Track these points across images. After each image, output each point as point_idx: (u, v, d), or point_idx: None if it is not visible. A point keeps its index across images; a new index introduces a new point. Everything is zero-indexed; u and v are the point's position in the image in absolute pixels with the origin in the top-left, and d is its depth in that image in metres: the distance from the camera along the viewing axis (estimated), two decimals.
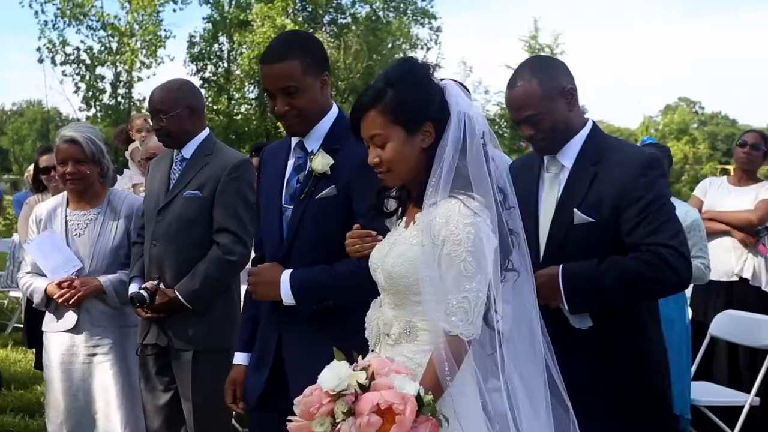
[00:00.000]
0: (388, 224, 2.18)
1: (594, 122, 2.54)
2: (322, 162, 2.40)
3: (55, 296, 3.31)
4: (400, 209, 2.14)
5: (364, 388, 1.73)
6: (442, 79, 2.05)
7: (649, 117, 45.91)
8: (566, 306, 2.36)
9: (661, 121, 44.94)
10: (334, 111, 2.50)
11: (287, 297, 2.37)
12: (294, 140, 2.52)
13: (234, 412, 3.37)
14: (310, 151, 2.45)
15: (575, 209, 2.39)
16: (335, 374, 1.76)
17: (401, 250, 1.98)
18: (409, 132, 1.97)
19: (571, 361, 2.29)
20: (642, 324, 2.45)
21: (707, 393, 4.17)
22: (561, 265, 2.37)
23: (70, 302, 3.29)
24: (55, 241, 3.40)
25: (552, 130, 2.44)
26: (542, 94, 2.41)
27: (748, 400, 3.98)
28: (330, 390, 1.74)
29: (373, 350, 2.05)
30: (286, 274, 2.38)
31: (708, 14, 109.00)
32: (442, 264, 1.88)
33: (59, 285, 3.29)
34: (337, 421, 1.72)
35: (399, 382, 1.75)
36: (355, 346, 2.11)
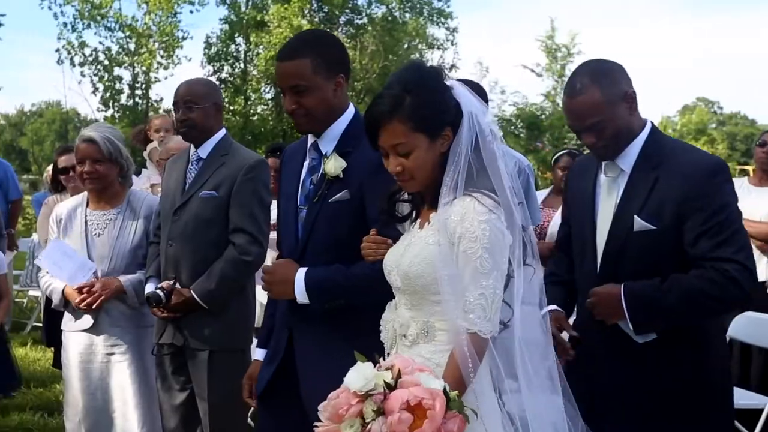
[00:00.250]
0: (401, 228, 2.18)
1: (653, 124, 2.47)
2: (335, 165, 2.39)
3: (75, 301, 3.32)
4: (413, 213, 2.13)
5: (391, 387, 1.73)
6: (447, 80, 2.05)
7: (667, 117, 45.57)
8: (630, 327, 2.33)
9: (679, 121, 44.60)
10: (349, 112, 2.49)
11: (301, 295, 2.37)
12: (310, 141, 2.53)
13: (250, 411, 3.39)
14: (324, 153, 2.46)
15: (635, 216, 2.34)
16: (361, 375, 1.76)
17: (417, 250, 1.98)
18: (431, 138, 1.97)
19: (629, 371, 2.33)
20: (706, 338, 2.41)
21: None
22: (623, 285, 2.34)
23: (93, 306, 3.30)
24: (63, 249, 3.42)
25: (615, 137, 2.38)
26: (605, 101, 2.34)
27: None
28: (358, 390, 1.74)
29: (388, 353, 2.06)
30: (300, 273, 2.38)
31: (725, 12, 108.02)
32: (458, 262, 1.89)
33: (79, 290, 3.31)
34: (367, 421, 1.72)
35: (424, 379, 1.76)
36: (369, 347, 2.11)
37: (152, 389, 3.36)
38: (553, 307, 2.56)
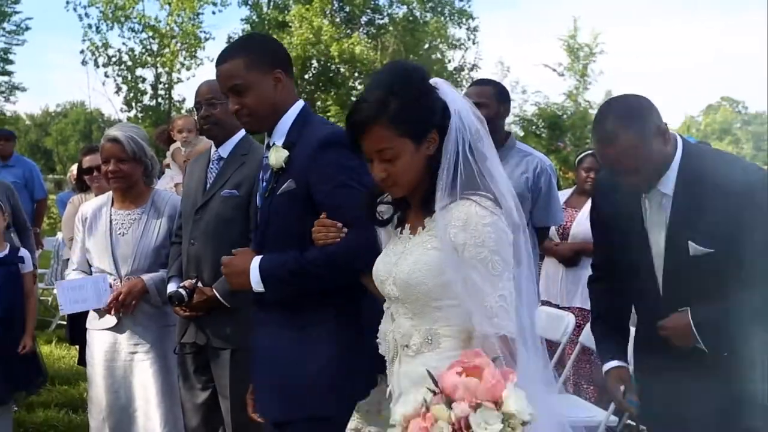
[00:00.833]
0: (384, 233, 2.13)
1: (683, 139, 2.45)
2: (276, 157, 2.40)
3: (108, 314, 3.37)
4: (396, 217, 2.08)
5: (434, 392, 1.71)
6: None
7: (691, 117, 45.11)
8: (707, 351, 2.36)
9: (702, 121, 44.13)
10: (297, 106, 2.50)
11: (256, 284, 2.36)
12: (267, 140, 2.54)
13: None
14: None
15: (690, 242, 2.34)
16: (408, 400, 1.74)
17: (417, 257, 1.93)
18: (417, 142, 1.92)
19: (709, 378, 2.34)
20: None
21: None
22: (690, 315, 2.36)
23: (130, 312, 3.35)
24: (69, 285, 3.45)
25: (654, 171, 2.37)
26: (640, 144, 2.30)
27: None
28: (417, 410, 1.70)
29: (391, 365, 2.01)
30: (255, 261, 2.38)
31: (751, 10, 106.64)
32: (466, 268, 1.84)
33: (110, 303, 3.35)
34: (449, 417, 1.67)
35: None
36: (322, 335, 2.22)
37: (174, 388, 3.39)
38: (617, 363, 2.60)
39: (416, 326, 1.94)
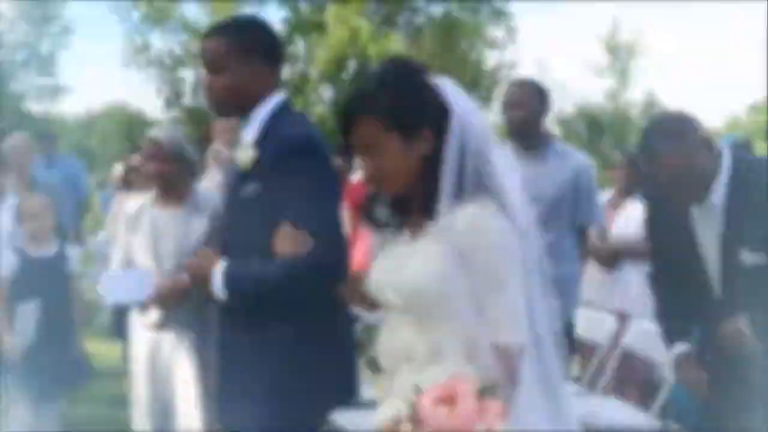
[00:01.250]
0: (378, 236, 2.03)
1: (730, 148, 2.46)
2: (242, 156, 2.33)
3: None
4: (394, 221, 1.97)
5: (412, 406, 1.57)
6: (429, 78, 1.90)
7: (735, 116, 44.16)
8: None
9: (747, 120, 43.17)
10: (274, 100, 2.41)
11: (218, 291, 2.30)
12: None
13: None
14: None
15: (743, 251, 2.35)
16: (386, 411, 1.70)
17: (421, 262, 1.80)
18: (407, 139, 1.81)
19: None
20: None
21: None
22: (741, 319, 2.39)
23: (172, 309, 3.38)
24: (115, 277, 3.49)
25: (702, 184, 2.40)
26: (686, 160, 2.33)
27: None
28: (388, 425, 1.61)
29: (390, 379, 1.89)
30: (218, 268, 2.31)
31: None
32: (475, 274, 1.74)
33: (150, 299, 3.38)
34: None
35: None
36: (280, 348, 2.18)
37: (215, 386, 3.42)
38: (685, 347, 2.67)
39: (420, 338, 1.82)
